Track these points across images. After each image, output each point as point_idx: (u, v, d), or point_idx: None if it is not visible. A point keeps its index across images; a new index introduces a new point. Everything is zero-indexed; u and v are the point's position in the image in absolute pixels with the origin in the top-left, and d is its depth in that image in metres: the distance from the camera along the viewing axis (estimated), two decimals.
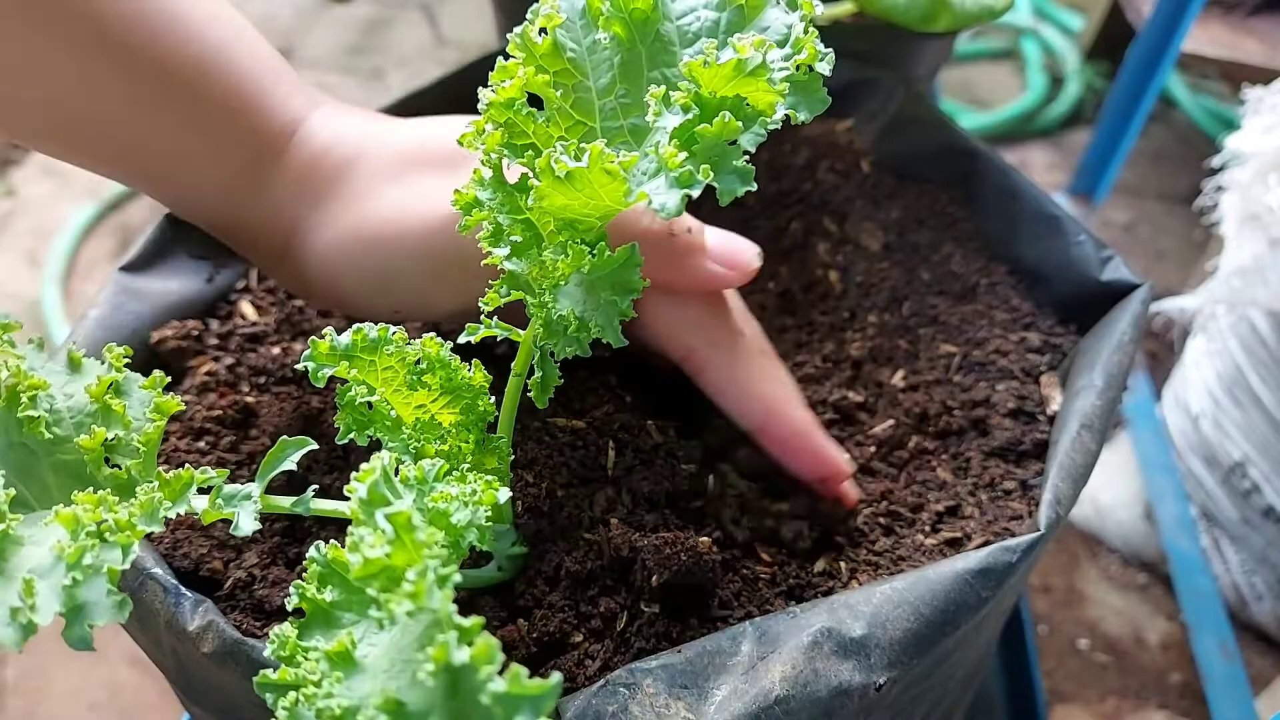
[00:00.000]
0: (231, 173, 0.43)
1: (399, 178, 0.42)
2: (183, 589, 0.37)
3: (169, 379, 0.35)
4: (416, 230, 0.41)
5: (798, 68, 0.30)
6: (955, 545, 0.43)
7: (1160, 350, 1.44)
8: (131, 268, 0.51)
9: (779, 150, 0.63)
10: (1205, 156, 1.08)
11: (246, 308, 0.53)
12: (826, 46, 0.31)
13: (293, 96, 0.44)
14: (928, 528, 0.44)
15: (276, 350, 0.50)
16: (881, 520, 0.44)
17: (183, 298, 0.52)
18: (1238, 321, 1.05)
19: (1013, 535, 0.40)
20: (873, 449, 0.48)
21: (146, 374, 0.48)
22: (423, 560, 0.24)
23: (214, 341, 0.50)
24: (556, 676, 0.22)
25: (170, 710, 1.08)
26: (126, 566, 0.28)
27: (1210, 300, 1.00)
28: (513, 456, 0.39)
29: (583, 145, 0.29)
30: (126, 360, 0.35)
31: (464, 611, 0.39)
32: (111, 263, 1.62)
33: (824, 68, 0.30)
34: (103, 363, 0.35)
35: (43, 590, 0.26)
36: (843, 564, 0.42)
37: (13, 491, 0.30)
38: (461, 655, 0.21)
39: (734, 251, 0.43)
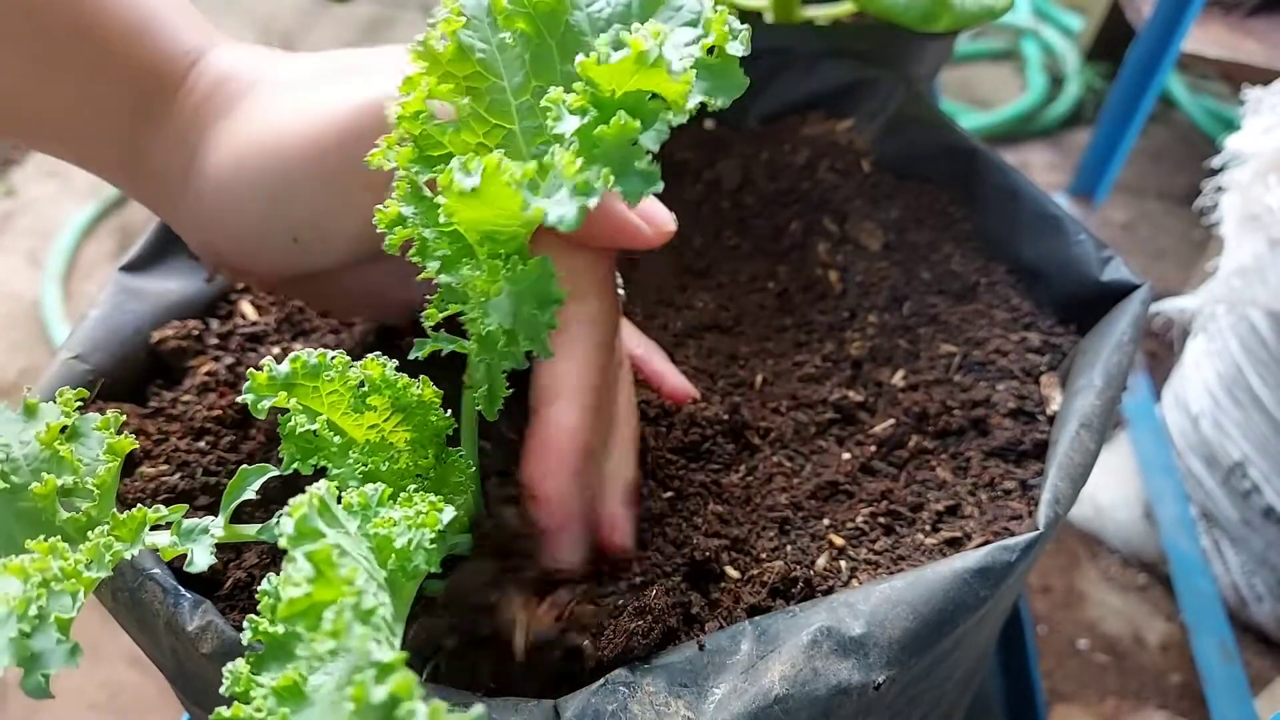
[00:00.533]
0: (129, 111, 0.41)
1: (302, 87, 0.40)
2: (182, 589, 0.37)
3: (123, 418, 0.35)
4: (313, 131, 0.38)
5: (710, 51, 0.28)
6: (955, 545, 0.43)
7: (1160, 350, 1.44)
8: (131, 268, 0.51)
9: (779, 150, 0.63)
10: (1205, 157, 1.08)
11: (246, 307, 0.53)
12: (828, 47, 0.30)
13: (192, 31, 0.41)
14: (927, 527, 0.44)
15: (277, 350, 0.50)
16: (881, 520, 0.44)
17: (183, 297, 0.52)
18: (1238, 321, 1.05)
19: (1012, 535, 0.40)
20: (873, 449, 0.48)
21: (147, 374, 0.49)
22: (341, 597, 0.24)
23: (214, 341, 0.50)
24: (478, 709, 0.22)
25: (170, 710, 1.08)
26: (75, 615, 0.28)
27: (1210, 300, 1.00)
28: (473, 468, 0.38)
29: (477, 160, 0.28)
30: (79, 404, 0.35)
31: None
32: (111, 263, 1.62)
33: (736, 48, 0.29)
34: (57, 404, 0.35)
35: None
36: (842, 563, 0.42)
37: None
38: (380, 692, 0.21)
39: (653, 209, 0.38)
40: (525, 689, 0.35)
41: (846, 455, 0.47)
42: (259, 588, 0.28)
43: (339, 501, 0.30)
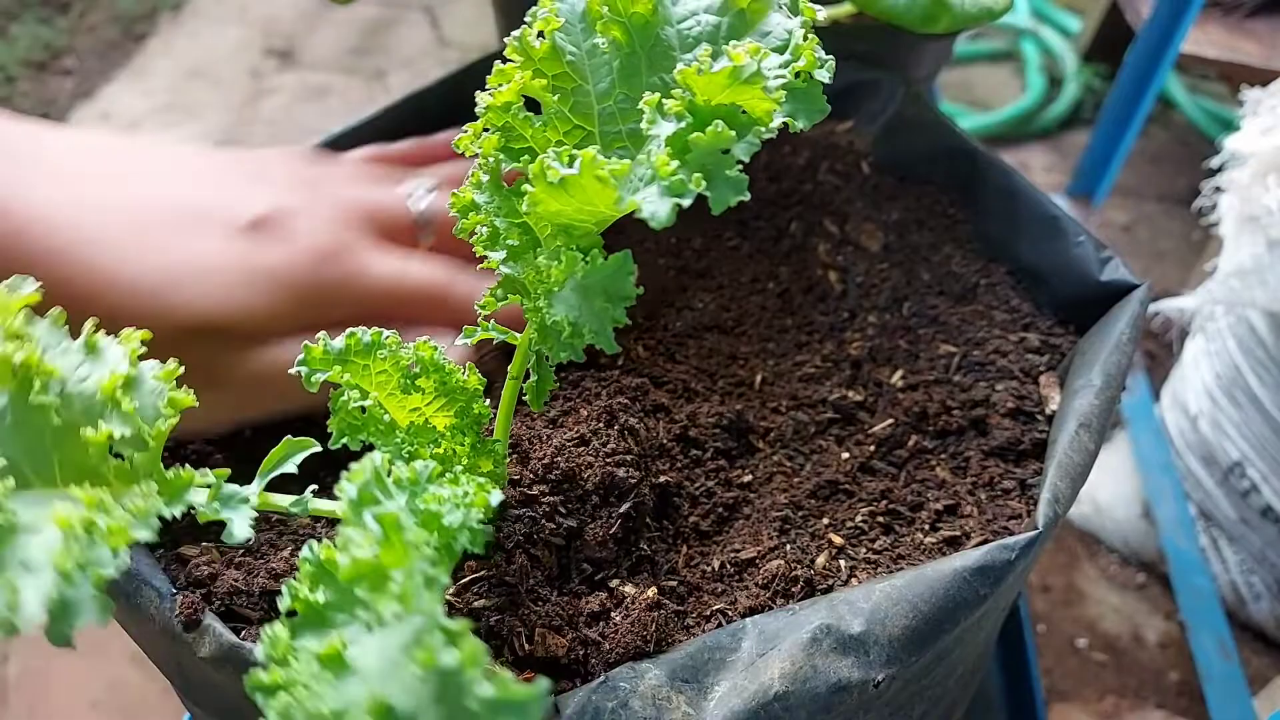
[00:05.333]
0: None
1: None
2: (177, 594, 0.37)
3: (180, 369, 0.34)
4: None
5: (796, 75, 0.30)
6: (954, 544, 0.43)
7: (1159, 350, 1.45)
8: None
9: (779, 151, 0.63)
10: (1204, 157, 1.08)
11: None
12: (827, 48, 0.31)
13: None
14: (927, 526, 0.44)
15: None
16: (881, 519, 0.44)
17: None
18: (1236, 322, 1.05)
19: (1011, 534, 0.40)
20: (872, 448, 0.48)
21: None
22: (410, 562, 0.24)
23: None
24: (544, 682, 0.22)
25: (171, 709, 1.08)
26: (113, 573, 0.27)
27: (1209, 301, 1.00)
28: (506, 458, 0.39)
29: (575, 152, 0.29)
30: (143, 350, 0.34)
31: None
32: None
33: (823, 75, 0.30)
34: (122, 346, 0.33)
35: (27, 590, 0.26)
36: (842, 562, 0.42)
37: (12, 482, 0.29)
38: (449, 658, 0.21)
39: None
40: None
41: (846, 455, 0.48)
42: (300, 557, 0.28)
43: (388, 476, 0.30)
